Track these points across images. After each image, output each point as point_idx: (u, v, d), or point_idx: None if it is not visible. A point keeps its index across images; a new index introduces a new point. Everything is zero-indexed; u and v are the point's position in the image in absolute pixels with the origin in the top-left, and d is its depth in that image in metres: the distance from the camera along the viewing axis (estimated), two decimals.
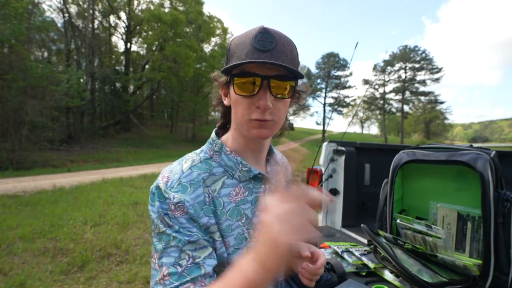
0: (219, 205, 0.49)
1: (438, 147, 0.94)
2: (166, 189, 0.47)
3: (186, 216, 0.45)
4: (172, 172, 0.49)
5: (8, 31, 8.41)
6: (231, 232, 0.49)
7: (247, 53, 0.46)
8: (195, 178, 0.48)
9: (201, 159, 0.52)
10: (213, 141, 0.55)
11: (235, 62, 0.47)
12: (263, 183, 0.55)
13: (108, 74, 16.79)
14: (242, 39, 0.49)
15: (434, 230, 0.81)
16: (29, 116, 8.84)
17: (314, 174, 1.67)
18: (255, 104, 0.48)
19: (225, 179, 0.52)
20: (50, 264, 2.49)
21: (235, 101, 0.50)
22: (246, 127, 0.50)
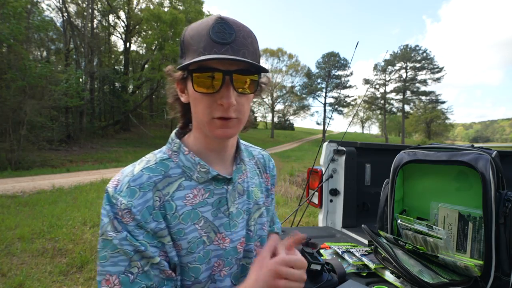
0: (170, 209, 0.46)
1: (439, 147, 0.93)
2: (114, 193, 0.44)
3: (133, 222, 0.43)
4: (123, 174, 0.47)
5: (6, 30, 8.39)
6: (183, 236, 0.47)
7: (205, 46, 0.43)
8: (145, 182, 0.46)
9: (156, 160, 0.49)
10: (172, 140, 0.53)
11: (192, 56, 0.43)
12: (225, 184, 0.52)
13: (107, 74, 16.78)
14: (197, 30, 0.45)
15: (435, 231, 0.81)
16: (28, 116, 8.83)
17: (314, 174, 1.66)
18: (217, 102, 0.44)
19: (182, 181, 0.49)
20: (49, 264, 2.48)
21: (194, 99, 0.46)
22: (209, 127, 0.46)
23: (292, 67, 37.83)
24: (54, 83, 10.35)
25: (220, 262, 0.50)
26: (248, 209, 0.56)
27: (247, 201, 0.56)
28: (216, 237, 0.50)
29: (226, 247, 0.51)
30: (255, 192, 0.58)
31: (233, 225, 0.52)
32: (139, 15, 18.42)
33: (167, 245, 0.46)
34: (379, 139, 40.90)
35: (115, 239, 0.43)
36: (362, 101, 42.26)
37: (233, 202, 0.53)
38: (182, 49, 0.47)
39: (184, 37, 0.46)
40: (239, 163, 0.56)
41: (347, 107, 39.75)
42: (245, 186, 0.56)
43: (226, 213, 0.51)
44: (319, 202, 1.63)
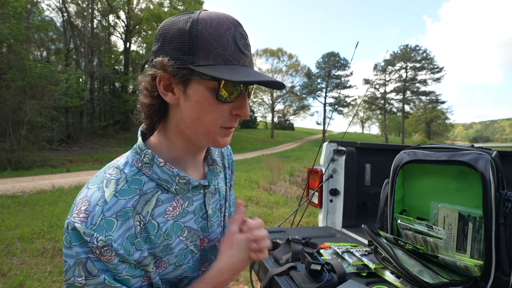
0: (152, 229, 0.42)
1: (439, 147, 0.93)
2: (86, 230, 0.36)
3: (116, 259, 0.38)
4: (90, 203, 0.39)
5: (7, 30, 8.39)
6: (170, 251, 0.44)
7: (233, 55, 0.39)
8: (122, 208, 0.39)
9: (127, 178, 0.42)
10: (141, 150, 0.45)
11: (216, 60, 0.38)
12: (202, 188, 0.50)
13: (108, 74, 16.78)
14: (217, 29, 0.39)
15: (435, 231, 0.81)
16: (28, 116, 8.83)
17: (314, 174, 1.66)
18: (232, 112, 0.42)
19: (159, 195, 0.44)
20: (49, 264, 2.48)
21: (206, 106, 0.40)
22: (212, 136, 0.43)
23: (292, 67, 37.83)
24: (54, 83, 10.34)
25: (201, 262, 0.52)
26: (220, 206, 0.56)
27: (219, 198, 0.55)
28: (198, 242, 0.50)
29: (205, 247, 0.51)
30: (222, 187, 0.58)
31: (210, 225, 0.52)
32: (139, 15, 18.43)
33: (151, 272, 0.43)
34: (379, 139, 40.89)
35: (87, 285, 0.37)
36: (362, 101, 42.26)
37: (209, 204, 0.52)
38: (194, 44, 0.39)
39: (201, 32, 0.39)
40: (212, 164, 0.54)
41: (347, 107, 39.76)
42: (216, 183, 0.55)
43: (204, 216, 0.51)
44: (319, 202, 1.63)
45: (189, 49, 0.39)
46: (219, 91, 0.40)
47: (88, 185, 0.42)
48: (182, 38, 0.39)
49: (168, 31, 0.41)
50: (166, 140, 0.47)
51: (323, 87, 37.47)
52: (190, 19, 0.40)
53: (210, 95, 0.40)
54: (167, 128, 0.46)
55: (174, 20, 0.41)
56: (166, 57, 0.40)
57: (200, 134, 0.43)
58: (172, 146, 0.46)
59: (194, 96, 0.41)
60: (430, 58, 34.13)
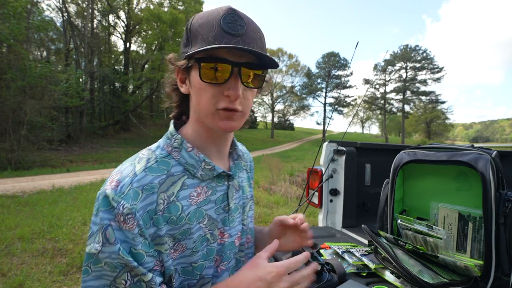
0: (176, 210, 0.44)
1: (439, 147, 0.93)
2: (115, 196, 0.39)
3: (136, 229, 0.39)
4: (122, 174, 0.42)
5: (7, 30, 8.39)
6: (189, 236, 0.45)
7: (216, 36, 0.41)
8: (149, 183, 0.42)
9: (157, 158, 0.46)
10: (172, 135, 0.49)
11: (200, 44, 0.42)
12: (226, 180, 0.51)
13: (108, 74, 16.77)
14: (207, 18, 0.43)
15: (435, 231, 0.81)
16: (28, 116, 8.83)
17: (314, 174, 1.66)
18: (223, 93, 0.43)
19: (185, 179, 0.46)
20: (49, 264, 2.48)
21: (199, 89, 0.44)
22: (212, 118, 0.45)
23: (292, 67, 37.81)
24: (54, 83, 10.34)
25: (217, 258, 0.50)
26: (243, 204, 0.56)
27: (242, 196, 0.56)
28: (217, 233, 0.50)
29: (224, 242, 0.51)
30: (245, 186, 0.59)
31: (231, 220, 0.52)
32: (139, 15, 18.42)
33: (164, 253, 0.42)
34: (379, 139, 40.89)
35: (102, 252, 0.38)
36: (362, 101, 42.25)
37: (232, 198, 0.53)
38: (188, 37, 0.45)
39: (191, 24, 0.45)
40: (237, 158, 0.56)
41: (347, 107, 39.75)
42: (240, 181, 0.56)
43: (225, 209, 0.51)
44: (319, 202, 1.63)
45: (186, 42, 0.45)
46: (200, 71, 0.43)
47: (123, 162, 0.46)
48: (184, 35, 0.46)
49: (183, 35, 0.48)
50: (191, 128, 0.50)
51: (323, 87, 37.47)
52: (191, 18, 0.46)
53: (199, 78, 0.43)
54: (191, 118, 0.51)
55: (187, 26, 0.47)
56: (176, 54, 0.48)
57: (203, 117, 0.46)
58: (196, 134, 0.50)
59: (193, 82, 0.45)
60: (430, 58, 34.13)
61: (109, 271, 0.39)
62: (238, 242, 0.54)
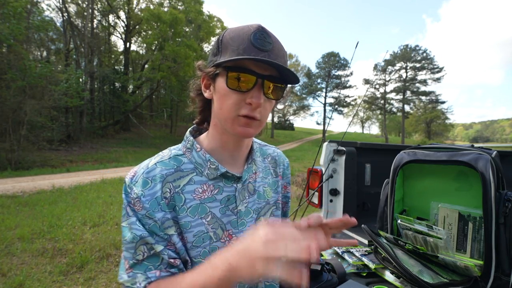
0: (179, 200, 0.49)
1: (439, 147, 0.93)
2: (130, 183, 0.49)
3: (143, 211, 0.47)
4: (139, 167, 0.51)
5: (7, 30, 8.39)
6: (189, 229, 0.49)
7: (245, 48, 0.46)
8: (156, 174, 0.50)
9: (171, 155, 0.53)
10: (186, 138, 0.56)
11: (230, 55, 0.46)
12: (235, 182, 0.54)
13: (107, 74, 16.77)
14: (238, 33, 0.48)
15: (435, 231, 0.81)
16: (28, 116, 8.83)
17: (314, 174, 1.66)
18: (245, 100, 0.47)
19: (193, 176, 0.52)
20: (49, 264, 2.48)
21: (223, 95, 0.48)
22: (231, 123, 0.49)
23: (292, 67, 37.77)
24: (54, 83, 10.34)
25: None
26: (258, 209, 0.57)
27: (258, 200, 0.57)
28: (223, 234, 0.51)
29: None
30: (267, 191, 0.60)
31: (241, 223, 0.53)
32: (139, 15, 18.41)
33: (174, 235, 0.48)
34: (379, 139, 40.88)
35: (127, 224, 0.47)
36: (362, 101, 42.24)
37: (242, 201, 0.54)
38: (219, 47, 0.49)
39: (223, 37, 0.49)
40: (250, 163, 0.58)
41: (347, 107, 39.74)
42: (256, 185, 0.58)
43: (234, 211, 0.53)
44: (319, 202, 1.63)
45: (216, 51, 0.49)
46: (227, 79, 0.47)
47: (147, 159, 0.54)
48: (215, 45, 0.51)
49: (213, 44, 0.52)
50: (208, 134, 0.56)
51: (323, 87, 37.47)
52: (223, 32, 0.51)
53: (225, 85, 0.48)
54: (211, 123, 0.55)
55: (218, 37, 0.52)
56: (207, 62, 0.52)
57: (223, 122, 0.50)
58: (211, 138, 0.55)
59: (218, 88, 0.49)
60: (430, 58, 34.13)
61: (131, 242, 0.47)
62: None
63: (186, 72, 16.99)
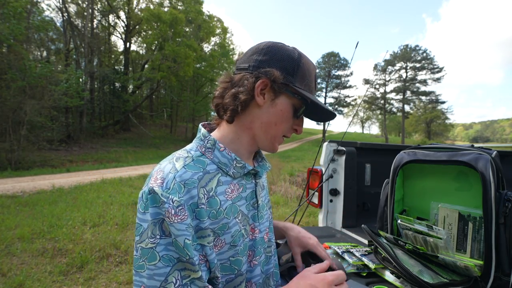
0: (215, 204, 0.47)
1: (439, 147, 0.93)
2: (163, 192, 0.42)
3: (187, 221, 0.42)
4: (164, 172, 0.45)
5: (7, 30, 8.39)
6: (227, 230, 0.48)
7: (312, 88, 0.55)
8: (189, 178, 0.45)
9: (193, 157, 0.49)
10: (205, 137, 0.52)
11: (306, 88, 0.53)
12: (253, 178, 0.56)
13: (107, 74, 16.77)
14: (310, 69, 0.54)
15: (435, 231, 0.81)
16: (28, 116, 8.82)
17: (314, 174, 1.66)
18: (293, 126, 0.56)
19: (219, 177, 0.50)
20: (49, 264, 2.48)
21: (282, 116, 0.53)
22: (273, 141, 0.54)
23: None
24: (54, 83, 10.34)
25: (250, 253, 0.53)
26: (268, 202, 0.62)
27: (266, 195, 0.63)
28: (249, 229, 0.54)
29: (256, 237, 0.54)
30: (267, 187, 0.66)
31: (260, 216, 0.56)
32: (139, 15, 18.41)
33: (207, 246, 0.44)
34: (379, 139, 40.87)
35: (159, 245, 0.41)
36: (362, 101, 42.23)
37: (259, 195, 0.57)
38: (296, 70, 0.52)
39: (302, 64, 0.52)
40: (261, 160, 0.62)
41: (347, 107, 39.75)
42: (263, 181, 0.62)
43: (255, 206, 0.55)
44: (319, 202, 1.63)
45: (292, 72, 0.51)
46: (300, 110, 0.54)
47: (160, 163, 0.49)
48: (290, 62, 0.51)
49: (278, 52, 0.52)
50: (233, 133, 0.54)
51: (323, 87, 37.46)
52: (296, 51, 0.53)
53: (291, 110, 0.53)
54: (240, 123, 0.53)
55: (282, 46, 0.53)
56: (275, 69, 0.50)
57: (268, 136, 0.54)
58: (237, 139, 0.54)
59: (281, 106, 0.52)
60: (430, 58, 34.13)
61: (162, 267, 0.40)
62: (267, 238, 0.58)
63: (186, 72, 16.99)
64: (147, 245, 0.41)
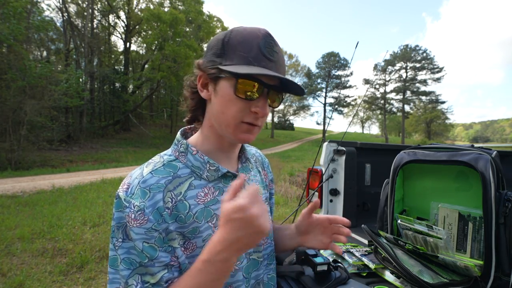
0: (183, 208, 0.47)
1: (439, 147, 0.93)
2: (126, 197, 0.44)
3: (146, 225, 0.43)
4: (132, 178, 0.47)
5: (7, 30, 8.39)
6: (198, 234, 0.48)
7: (255, 57, 0.45)
8: (154, 183, 0.46)
9: (164, 162, 0.50)
10: (178, 141, 0.53)
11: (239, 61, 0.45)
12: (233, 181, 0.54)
13: (108, 74, 16.78)
14: (246, 37, 0.46)
15: (435, 231, 0.81)
16: (28, 116, 8.83)
17: (314, 174, 1.66)
18: (251, 108, 0.47)
19: (192, 181, 0.50)
20: (49, 264, 2.48)
21: (228, 100, 0.47)
22: (233, 129, 0.48)
23: (292, 67, 37.81)
24: (54, 83, 10.34)
25: None
26: None
27: None
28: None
29: None
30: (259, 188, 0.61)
31: None
32: (139, 15, 18.41)
33: (177, 248, 0.46)
34: (379, 139, 40.89)
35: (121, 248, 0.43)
36: (362, 101, 42.24)
37: None
38: (224, 48, 0.47)
39: (230, 39, 0.47)
40: (245, 161, 0.60)
41: (347, 107, 39.75)
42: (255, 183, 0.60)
43: None
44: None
45: (220, 53, 0.47)
46: (236, 87, 0.46)
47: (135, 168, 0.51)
48: (217, 44, 0.48)
49: (211, 42, 0.50)
50: (202, 135, 0.54)
51: (323, 87, 37.47)
52: (228, 31, 0.49)
53: (232, 91, 0.47)
54: (204, 123, 0.54)
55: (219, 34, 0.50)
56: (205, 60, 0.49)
57: (223, 126, 0.49)
58: (206, 140, 0.53)
59: (221, 92, 0.48)
60: (430, 58, 34.13)
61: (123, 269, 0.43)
62: None
63: (186, 72, 16.88)
64: (115, 243, 0.44)
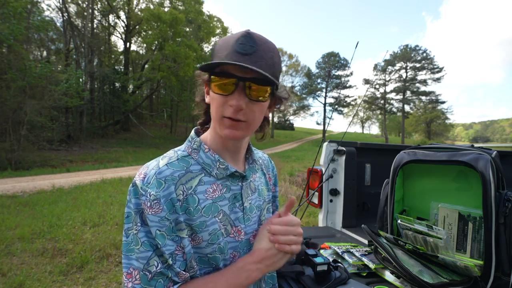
0: (193, 202, 0.50)
1: (439, 147, 0.93)
2: (143, 185, 0.47)
3: (160, 214, 0.47)
4: (148, 168, 0.50)
5: (7, 30, 8.39)
6: (205, 228, 0.51)
7: (227, 54, 0.48)
8: (169, 175, 0.49)
9: (178, 157, 0.53)
10: (192, 139, 0.57)
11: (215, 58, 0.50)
12: (240, 181, 0.57)
13: (108, 74, 16.77)
14: (226, 40, 0.50)
15: (435, 231, 0.81)
16: (28, 116, 8.83)
17: (314, 174, 1.66)
18: (228, 103, 0.49)
19: (202, 177, 0.53)
20: (49, 264, 2.48)
21: (212, 99, 0.51)
22: (219, 125, 0.51)
23: (292, 67, 37.81)
24: (54, 83, 10.34)
25: (235, 254, 0.55)
26: (259, 206, 0.61)
27: (258, 198, 0.61)
28: (232, 230, 0.54)
29: (241, 240, 0.55)
30: (263, 190, 0.65)
31: (247, 218, 0.57)
32: (139, 15, 18.41)
33: (185, 238, 0.49)
34: (379, 139, 40.87)
35: (140, 232, 0.47)
36: (362, 101, 42.24)
37: (247, 198, 0.58)
38: (212, 56, 0.52)
39: (215, 46, 0.52)
40: (252, 163, 0.62)
41: (347, 107, 39.73)
42: (256, 184, 0.62)
43: (240, 208, 0.56)
44: (319, 202, 1.63)
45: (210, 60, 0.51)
46: (210, 83, 0.50)
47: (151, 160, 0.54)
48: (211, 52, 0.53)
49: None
50: (210, 134, 0.57)
51: (323, 87, 37.46)
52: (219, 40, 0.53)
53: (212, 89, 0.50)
54: (211, 124, 0.57)
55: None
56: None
57: (215, 123, 0.52)
58: (213, 139, 0.56)
59: (210, 93, 0.52)
60: (430, 58, 34.12)
61: (144, 251, 0.46)
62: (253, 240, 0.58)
63: (186, 72, 16.98)
64: (133, 231, 0.47)
